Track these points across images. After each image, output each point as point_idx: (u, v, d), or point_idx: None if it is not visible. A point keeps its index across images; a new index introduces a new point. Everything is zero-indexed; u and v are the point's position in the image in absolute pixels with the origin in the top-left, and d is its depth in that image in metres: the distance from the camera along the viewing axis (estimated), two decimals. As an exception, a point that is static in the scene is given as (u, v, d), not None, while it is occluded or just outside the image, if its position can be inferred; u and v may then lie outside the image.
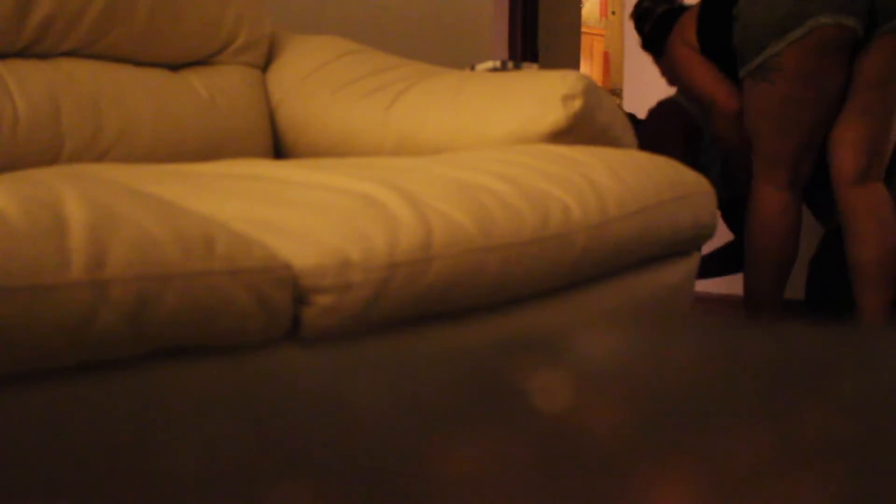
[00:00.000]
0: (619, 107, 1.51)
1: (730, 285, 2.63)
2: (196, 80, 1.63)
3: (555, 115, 1.35)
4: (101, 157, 1.45)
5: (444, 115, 1.47)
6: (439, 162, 1.12)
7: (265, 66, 1.76)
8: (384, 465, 0.17)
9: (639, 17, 2.29)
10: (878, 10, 1.74)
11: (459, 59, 2.48)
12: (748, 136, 1.97)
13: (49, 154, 1.40)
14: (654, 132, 2.12)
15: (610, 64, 6.55)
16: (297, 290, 0.83)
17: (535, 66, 2.45)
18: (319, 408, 0.20)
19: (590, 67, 6.51)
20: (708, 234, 1.40)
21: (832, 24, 1.72)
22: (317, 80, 1.68)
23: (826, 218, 2.15)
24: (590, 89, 1.37)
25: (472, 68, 2.26)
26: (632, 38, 3.08)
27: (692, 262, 1.41)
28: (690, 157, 2.21)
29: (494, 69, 2.22)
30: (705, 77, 2.02)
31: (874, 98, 1.82)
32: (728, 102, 1.99)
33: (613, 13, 6.53)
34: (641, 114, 2.54)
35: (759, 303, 1.95)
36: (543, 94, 1.37)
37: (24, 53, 1.44)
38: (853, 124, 1.85)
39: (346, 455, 0.17)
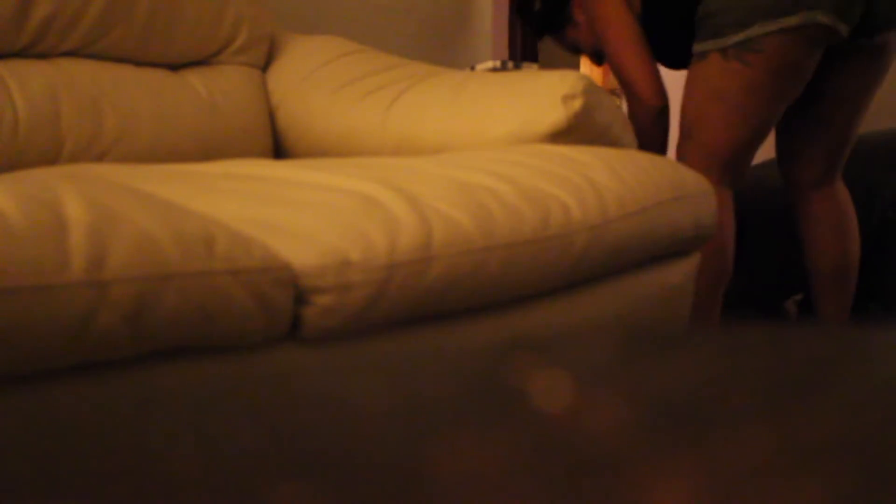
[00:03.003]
0: (619, 107, 1.50)
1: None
2: (196, 80, 1.63)
3: (555, 115, 1.35)
4: (100, 158, 1.45)
5: (444, 116, 1.47)
6: (439, 162, 1.12)
7: (265, 66, 1.76)
8: (384, 465, 0.17)
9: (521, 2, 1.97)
10: (865, 21, 1.64)
11: (459, 59, 2.48)
12: (664, 145, 1.79)
13: (49, 154, 1.40)
14: None
15: (610, 64, 6.54)
16: (297, 290, 0.83)
17: (535, 66, 2.45)
18: (319, 408, 0.20)
19: (590, 67, 6.50)
20: (708, 235, 1.40)
21: (828, 25, 1.59)
22: (317, 80, 1.68)
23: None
24: (590, 89, 1.37)
25: (472, 68, 2.27)
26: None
27: (692, 263, 1.41)
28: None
29: (494, 69, 2.22)
30: (634, 61, 1.75)
31: (838, 110, 1.75)
32: (652, 97, 1.74)
33: (613, 13, 6.53)
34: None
35: (699, 312, 1.74)
36: (543, 94, 1.37)
37: (24, 53, 1.44)
38: (815, 137, 1.77)
39: (346, 455, 0.17)
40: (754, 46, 1.59)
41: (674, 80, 1.96)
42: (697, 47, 1.67)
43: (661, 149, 1.79)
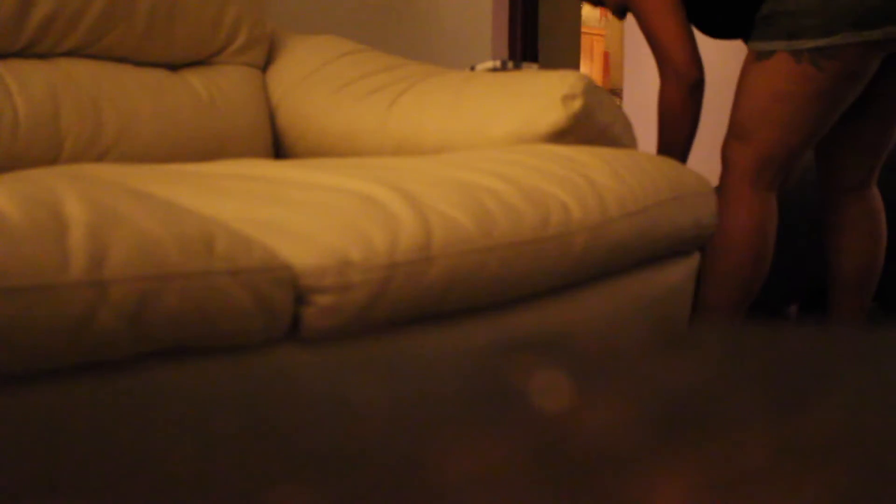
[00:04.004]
0: (619, 107, 1.50)
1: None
2: (196, 80, 1.63)
3: (555, 115, 1.35)
4: (100, 157, 1.45)
5: (445, 116, 1.47)
6: (439, 162, 1.12)
7: (265, 66, 1.76)
8: (384, 465, 0.17)
9: None
10: None
11: (459, 59, 2.48)
12: (694, 127, 1.73)
13: (49, 154, 1.40)
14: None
15: (610, 64, 6.55)
16: (297, 290, 0.83)
17: (535, 66, 2.45)
18: (319, 408, 0.20)
19: (590, 67, 6.51)
20: (708, 234, 1.40)
21: None
22: (317, 80, 1.68)
23: None
24: (590, 89, 1.37)
25: (472, 68, 2.26)
26: (632, 38, 3.07)
27: (692, 262, 1.41)
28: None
29: (494, 69, 2.22)
30: (671, 28, 1.67)
31: (890, 106, 1.72)
32: (689, 67, 1.67)
33: (613, 13, 6.53)
34: (639, 114, 2.53)
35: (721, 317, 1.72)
36: (543, 94, 1.37)
37: (24, 53, 1.44)
38: (864, 134, 1.73)
39: (346, 455, 0.17)
40: (831, 53, 1.55)
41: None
42: (761, 45, 1.61)
43: (690, 133, 1.74)
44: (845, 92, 1.61)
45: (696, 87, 1.70)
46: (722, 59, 1.97)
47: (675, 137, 1.74)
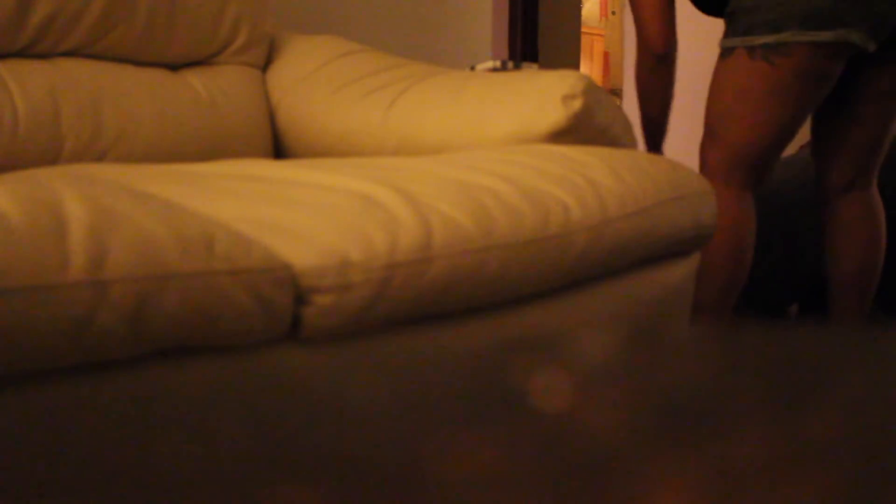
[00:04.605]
0: (619, 107, 1.50)
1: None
2: (196, 80, 1.63)
3: (555, 115, 1.35)
4: (100, 158, 1.45)
5: (444, 116, 1.47)
6: (439, 162, 1.12)
7: (265, 66, 1.76)
8: (384, 465, 0.17)
9: None
10: (892, 34, 1.61)
11: (459, 59, 2.48)
12: (664, 97, 1.79)
13: (49, 154, 1.40)
14: None
15: (610, 64, 6.55)
16: (297, 290, 0.83)
17: (535, 66, 2.45)
18: (319, 408, 0.20)
19: (590, 67, 6.50)
20: (708, 235, 1.40)
21: (858, 45, 1.58)
22: (317, 80, 1.68)
23: None
24: (590, 89, 1.37)
25: (472, 68, 2.27)
26: (632, 38, 3.07)
27: (692, 263, 1.41)
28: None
29: (494, 69, 2.22)
30: (650, 4, 1.74)
31: (873, 110, 1.72)
32: (655, 41, 1.73)
33: (613, 13, 6.53)
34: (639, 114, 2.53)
35: (708, 316, 1.72)
36: (543, 94, 1.37)
37: (24, 53, 1.44)
38: (849, 134, 1.74)
39: (346, 455, 0.17)
40: (783, 50, 1.58)
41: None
42: (725, 42, 1.66)
43: (662, 103, 1.79)
44: (806, 91, 1.62)
45: (662, 59, 1.75)
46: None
47: (648, 106, 1.80)
